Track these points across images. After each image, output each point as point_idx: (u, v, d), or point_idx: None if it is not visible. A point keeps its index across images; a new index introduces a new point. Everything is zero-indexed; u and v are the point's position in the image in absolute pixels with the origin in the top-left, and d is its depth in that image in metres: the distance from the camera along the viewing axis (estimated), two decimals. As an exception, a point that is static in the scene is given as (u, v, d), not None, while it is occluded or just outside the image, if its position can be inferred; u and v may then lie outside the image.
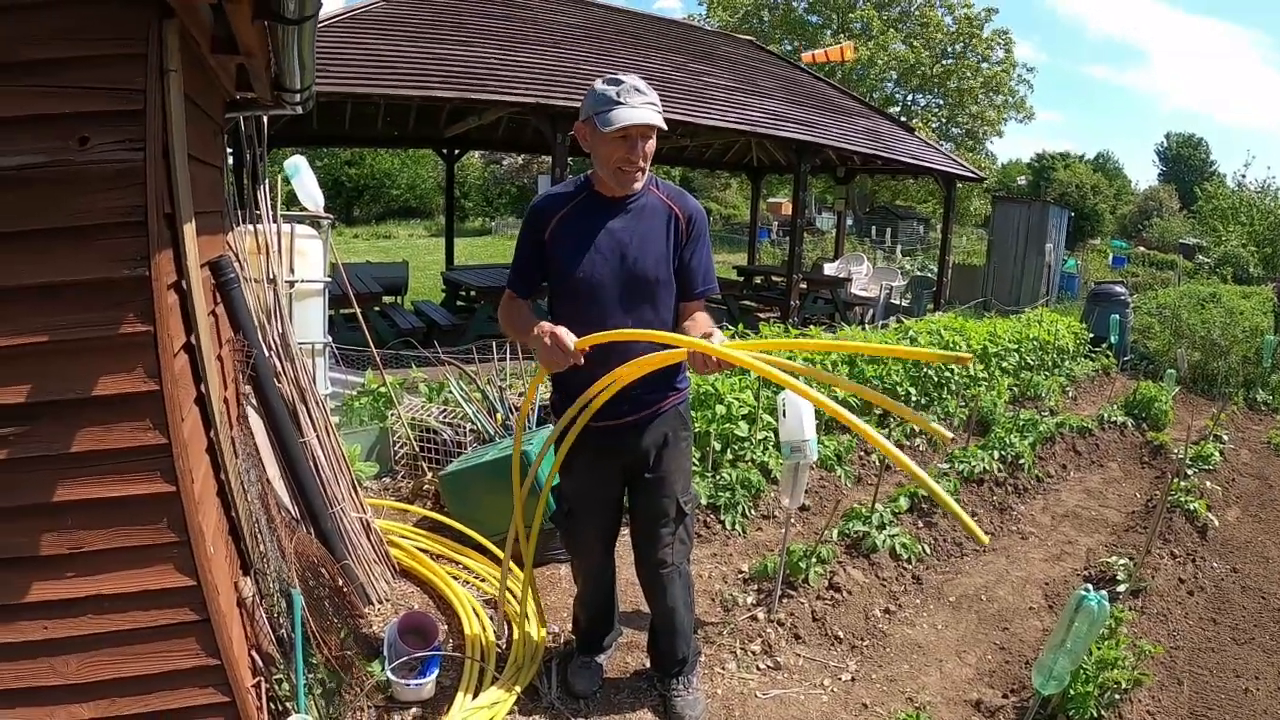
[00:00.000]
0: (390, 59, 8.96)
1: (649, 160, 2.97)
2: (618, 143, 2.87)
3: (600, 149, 2.92)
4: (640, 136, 2.88)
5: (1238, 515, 6.48)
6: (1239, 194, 33.50)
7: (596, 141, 2.91)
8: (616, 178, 2.94)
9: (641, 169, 2.95)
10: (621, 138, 2.86)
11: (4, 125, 2.10)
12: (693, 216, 3.12)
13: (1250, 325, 12.33)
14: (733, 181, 42.59)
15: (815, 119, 12.98)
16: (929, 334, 8.63)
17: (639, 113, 2.82)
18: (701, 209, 3.20)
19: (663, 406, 3.17)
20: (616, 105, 2.82)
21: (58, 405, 2.25)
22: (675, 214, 3.09)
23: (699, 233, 3.14)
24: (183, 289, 2.46)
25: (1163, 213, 49.12)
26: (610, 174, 2.94)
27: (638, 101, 2.83)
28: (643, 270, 3.03)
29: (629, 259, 3.02)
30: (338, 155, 36.31)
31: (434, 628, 3.71)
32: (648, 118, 2.82)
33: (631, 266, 3.02)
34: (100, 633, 2.45)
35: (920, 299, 16.21)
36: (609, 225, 3.03)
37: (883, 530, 4.98)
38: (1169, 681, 3.98)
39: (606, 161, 2.93)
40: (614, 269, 3.01)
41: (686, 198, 3.17)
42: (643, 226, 3.04)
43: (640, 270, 3.03)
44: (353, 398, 6.23)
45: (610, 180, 2.96)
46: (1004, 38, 39.31)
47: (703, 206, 3.22)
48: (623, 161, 2.90)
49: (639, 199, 3.05)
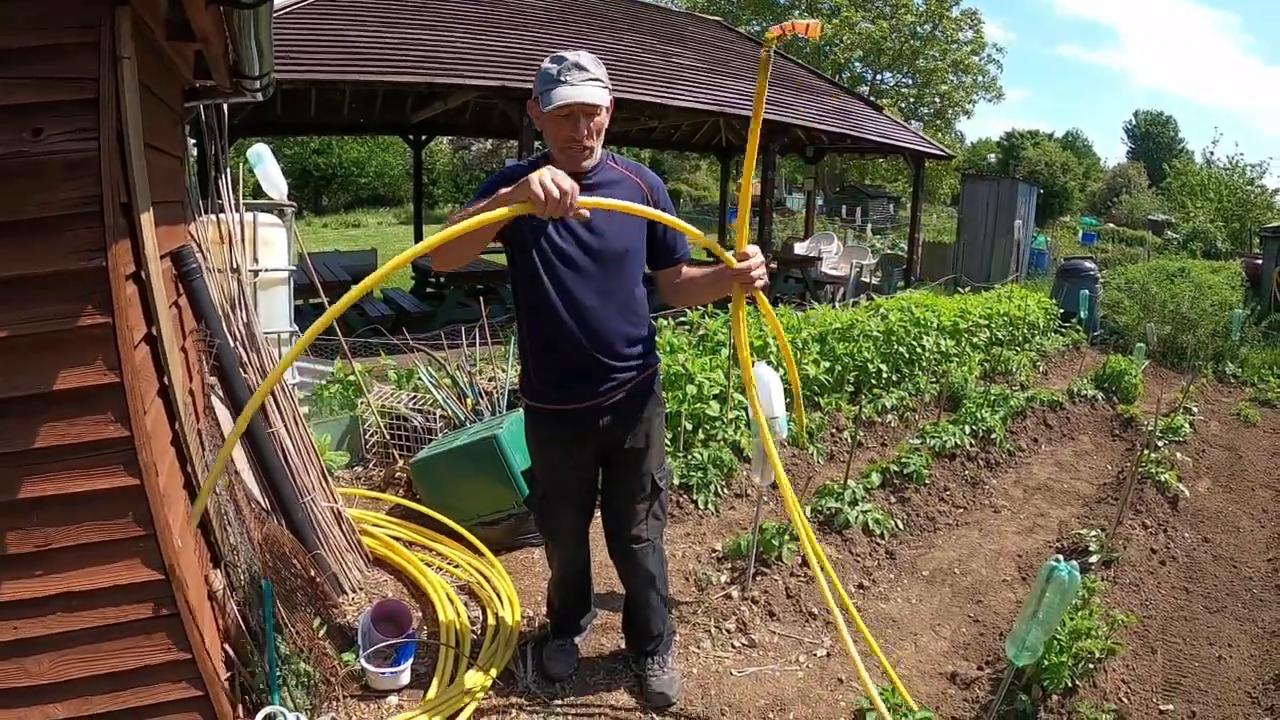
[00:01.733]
0: (355, 44, 8.88)
1: (598, 137, 2.93)
2: (561, 121, 2.85)
3: (547, 127, 2.91)
4: (584, 114, 2.84)
5: (1208, 486, 6.56)
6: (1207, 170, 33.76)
7: (544, 120, 2.89)
8: (564, 155, 2.91)
9: (588, 147, 2.91)
10: (564, 116, 2.83)
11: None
12: (655, 188, 3.13)
13: (1219, 300, 12.49)
14: (702, 163, 42.54)
15: (784, 99, 12.97)
16: (900, 310, 8.66)
17: (578, 90, 2.78)
18: (660, 180, 3.24)
19: (635, 383, 3.16)
20: (558, 84, 2.78)
21: (18, 401, 2.23)
22: (641, 188, 3.08)
23: (666, 204, 3.14)
24: (142, 279, 2.43)
25: (1131, 189, 49.55)
26: (558, 152, 2.92)
27: (579, 79, 2.79)
28: (608, 243, 3.01)
29: (596, 232, 2.99)
30: (306, 144, 35.90)
31: (408, 615, 3.70)
32: (586, 95, 2.79)
33: (599, 239, 3.00)
34: (70, 630, 2.43)
35: (891, 277, 16.28)
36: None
37: (855, 506, 5.01)
38: (1142, 650, 4.03)
39: (554, 140, 2.91)
40: (578, 243, 2.99)
41: (645, 171, 3.18)
42: (607, 197, 3.02)
43: (606, 243, 3.01)
44: (322, 387, 6.18)
45: (559, 158, 2.93)
46: (973, 18, 39.47)
47: (673, 188, 3.23)
48: (568, 140, 2.87)
49: (598, 172, 3.03)
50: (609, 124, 3.02)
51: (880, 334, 8.08)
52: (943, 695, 3.68)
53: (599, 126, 2.92)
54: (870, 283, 16.18)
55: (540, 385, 3.13)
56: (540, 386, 3.14)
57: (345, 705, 3.29)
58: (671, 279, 3.19)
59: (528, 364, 3.18)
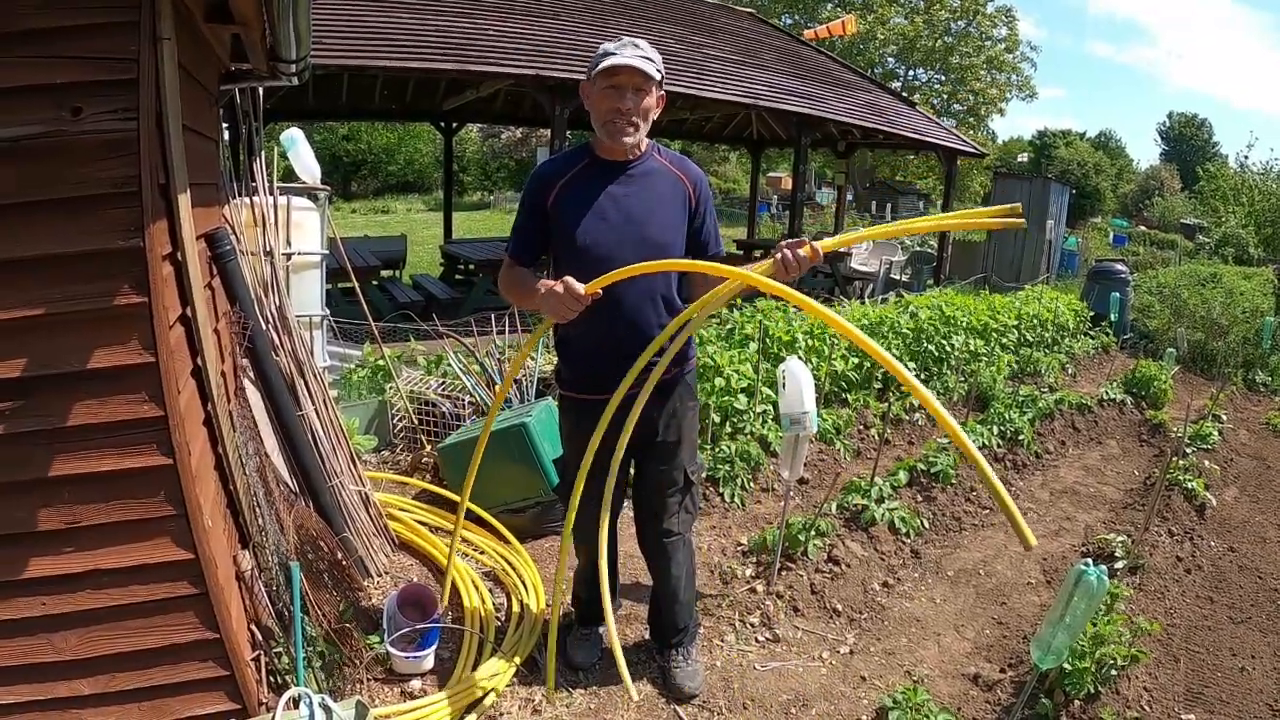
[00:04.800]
0: (388, 31, 8.90)
1: (644, 117, 2.92)
2: (608, 93, 2.85)
3: (594, 103, 2.92)
4: (631, 87, 2.84)
5: (1235, 495, 6.48)
6: (1241, 175, 33.33)
7: (592, 98, 2.91)
8: (607, 130, 2.90)
9: (633, 123, 2.90)
10: (611, 87, 2.84)
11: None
12: (698, 183, 3.13)
13: (1250, 306, 12.33)
14: (732, 155, 42.38)
15: (816, 92, 12.89)
16: (929, 309, 8.60)
17: (629, 58, 2.80)
18: (703, 173, 3.21)
19: (669, 377, 3.13)
20: (611, 56, 2.82)
21: (53, 379, 2.25)
22: (684, 182, 3.08)
23: (706, 198, 3.15)
24: (178, 260, 2.44)
25: (1164, 192, 48.93)
26: (601, 128, 2.92)
27: (629, 53, 2.81)
28: (651, 236, 2.99)
29: (636, 224, 2.98)
30: (335, 130, 36.06)
31: (433, 600, 3.71)
32: (633, 61, 2.80)
33: (640, 231, 2.98)
34: (99, 608, 2.45)
35: (920, 274, 16.17)
36: (612, 190, 3.00)
37: (881, 504, 4.98)
38: (1165, 659, 3.98)
39: (599, 116, 2.91)
40: (620, 235, 2.97)
41: (689, 164, 3.16)
42: (650, 192, 3.01)
43: (649, 235, 2.99)
44: (351, 371, 6.21)
45: (603, 135, 2.93)
46: (1007, 15, 39.09)
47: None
48: (611, 112, 2.87)
49: (642, 163, 3.03)
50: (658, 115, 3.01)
51: (910, 332, 8.04)
52: (965, 696, 3.65)
53: (646, 109, 2.91)
54: (900, 280, 16.09)
55: (574, 376, 3.14)
56: (574, 377, 3.14)
57: (370, 687, 3.30)
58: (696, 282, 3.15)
59: (563, 354, 3.19)
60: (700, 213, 3.14)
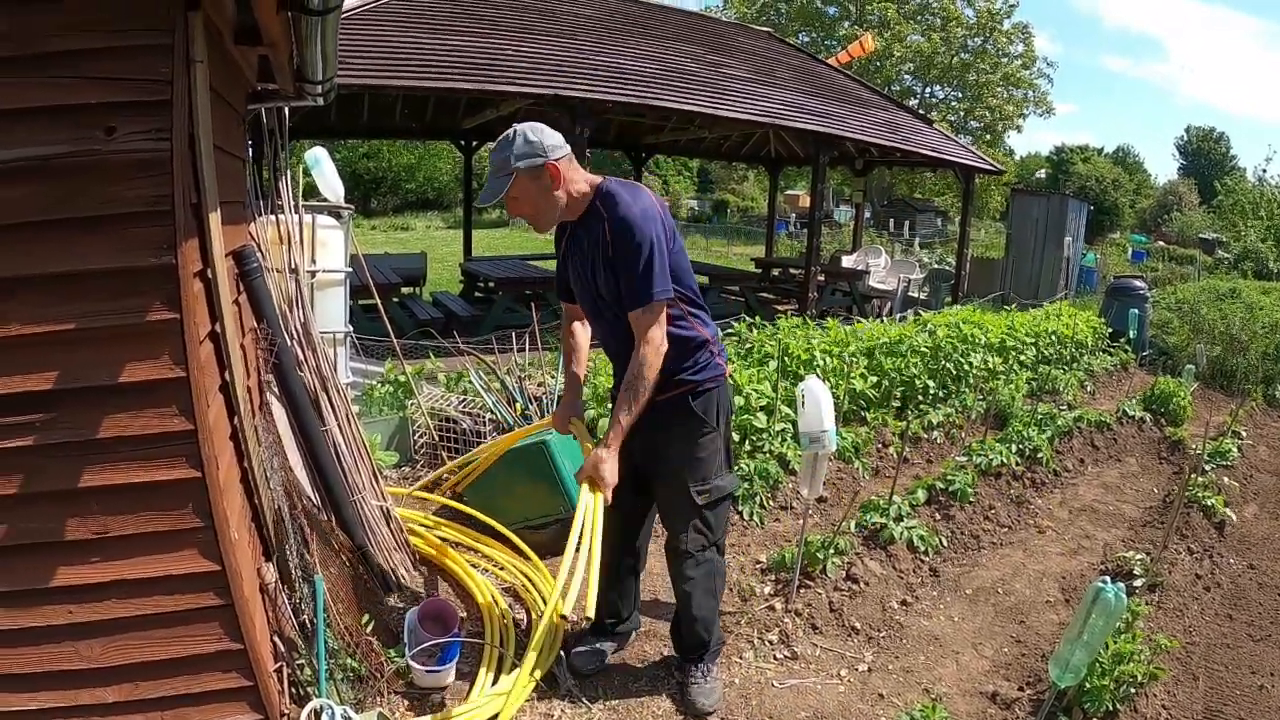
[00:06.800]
0: (409, 51, 8.98)
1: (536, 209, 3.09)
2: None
3: None
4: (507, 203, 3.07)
5: (1255, 512, 6.45)
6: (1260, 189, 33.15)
7: None
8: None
9: (529, 219, 3.14)
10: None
11: (34, 115, 2.12)
12: (615, 223, 3.00)
13: (1270, 321, 12.26)
14: (750, 174, 42.42)
15: (834, 111, 12.91)
16: (947, 327, 8.60)
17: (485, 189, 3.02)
18: (635, 213, 2.99)
19: (660, 403, 3.19)
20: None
21: (84, 391, 2.29)
22: (604, 226, 3.04)
23: (622, 239, 2.98)
24: (208, 277, 2.48)
25: (1182, 207, 48.66)
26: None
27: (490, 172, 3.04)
28: (600, 290, 3.19)
29: (588, 281, 3.21)
30: (355, 148, 36.25)
31: (453, 615, 3.73)
32: (484, 197, 3.04)
33: (593, 288, 3.20)
34: (125, 617, 2.48)
35: (938, 292, 16.12)
36: (576, 248, 3.23)
37: (900, 522, 4.98)
38: (1184, 677, 3.97)
39: None
40: (584, 291, 3.29)
41: (614, 202, 3.01)
42: (594, 247, 3.13)
43: (599, 290, 3.19)
44: (373, 387, 6.26)
45: None
46: (1024, 32, 39.10)
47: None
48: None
49: (587, 217, 3.15)
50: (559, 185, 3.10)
51: (928, 350, 8.03)
52: (983, 714, 3.65)
53: (530, 210, 3.10)
54: (918, 298, 16.05)
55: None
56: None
57: (390, 701, 3.33)
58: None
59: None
60: (614, 252, 3.01)
